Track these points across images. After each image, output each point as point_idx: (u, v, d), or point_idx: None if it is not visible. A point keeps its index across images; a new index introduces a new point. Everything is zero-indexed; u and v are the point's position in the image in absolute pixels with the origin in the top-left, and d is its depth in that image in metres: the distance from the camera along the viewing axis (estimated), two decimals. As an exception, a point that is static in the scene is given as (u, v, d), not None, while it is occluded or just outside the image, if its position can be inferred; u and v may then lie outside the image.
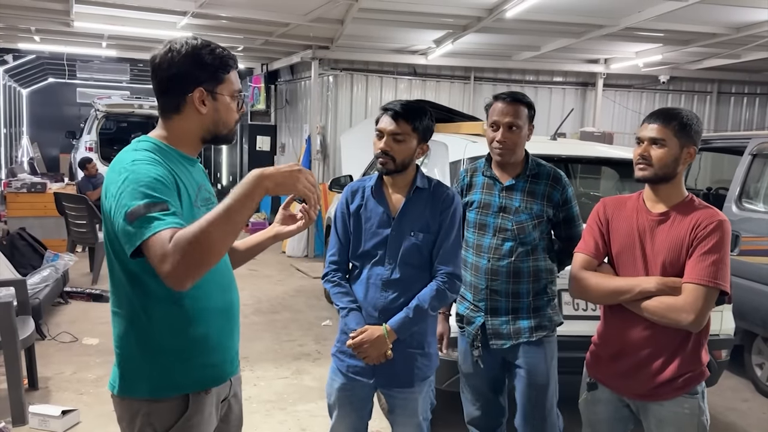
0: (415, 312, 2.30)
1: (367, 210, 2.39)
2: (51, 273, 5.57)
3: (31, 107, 21.34)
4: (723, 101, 10.93)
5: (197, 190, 1.75)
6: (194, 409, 1.72)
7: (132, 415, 1.71)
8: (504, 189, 2.66)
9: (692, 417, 2.19)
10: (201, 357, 1.74)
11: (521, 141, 2.63)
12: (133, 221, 1.50)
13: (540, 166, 2.69)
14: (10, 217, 8.25)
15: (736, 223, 4.87)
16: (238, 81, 1.82)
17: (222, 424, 1.87)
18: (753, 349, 4.82)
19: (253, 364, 4.81)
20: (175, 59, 1.68)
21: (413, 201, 2.37)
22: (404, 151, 2.32)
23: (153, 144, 1.70)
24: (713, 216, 2.14)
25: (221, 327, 1.79)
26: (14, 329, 3.71)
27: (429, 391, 2.47)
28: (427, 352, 2.43)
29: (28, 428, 3.63)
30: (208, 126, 1.75)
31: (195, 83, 1.70)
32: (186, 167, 1.74)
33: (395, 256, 2.34)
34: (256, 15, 7.34)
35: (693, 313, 2.07)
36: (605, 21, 6.94)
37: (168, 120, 1.74)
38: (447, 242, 2.36)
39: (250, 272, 7.91)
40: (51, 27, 8.77)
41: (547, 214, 2.64)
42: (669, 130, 2.16)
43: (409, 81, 10.02)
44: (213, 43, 1.75)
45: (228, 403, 1.88)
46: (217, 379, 1.79)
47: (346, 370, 2.41)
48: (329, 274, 2.45)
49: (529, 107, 2.65)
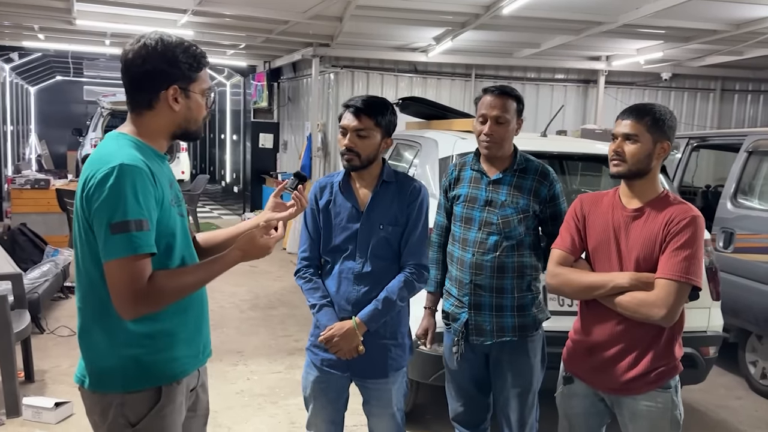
0: (383, 304, 2.33)
1: (336, 205, 2.42)
2: (51, 268, 5.65)
3: (39, 105, 21.52)
4: (726, 99, 10.87)
5: (170, 188, 1.79)
6: (166, 400, 1.75)
7: (104, 408, 1.73)
8: (491, 183, 2.65)
9: (665, 411, 2.21)
10: (171, 350, 1.77)
11: (509, 135, 2.62)
12: (114, 234, 1.59)
13: (528, 161, 2.69)
14: (14, 213, 8.34)
15: (731, 221, 4.86)
16: (209, 79, 1.85)
17: (190, 413, 1.91)
18: (747, 346, 4.81)
19: (247, 359, 4.86)
20: (150, 55, 1.70)
21: (380, 195, 2.40)
22: (369, 146, 2.35)
23: (132, 142, 1.73)
24: (686, 212, 2.16)
25: (190, 320, 1.83)
26: (8, 322, 3.77)
27: (403, 382, 2.50)
28: (401, 342, 2.47)
29: (22, 420, 3.68)
30: (179, 122, 1.78)
31: (169, 81, 1.72)
32: (159, 164, 1.77)
33: (365, 250, 2.37)
34: (255, 12, 7.38)
35: (664, 308, 2.08)
36: (603, 18, 6.94)
37: (139, 116, 1.77)
38: (414, 234, 2.39)
39: (249, 268, 7.95)
40: (54, 25, 8.85)
41: (534, 209, 2.63)
42: (642, 126, 2.17)
43: (410, 78, 10.03)
44: (187, 41, 1.77)
45: (196, 392, 1.92)
46: (186, 370, 1.83)
47: (320, 363, 2.44)
48: (301, 271, 2.48)
49: (518, 101, 2.64)
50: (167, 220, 1.71)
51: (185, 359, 1.81)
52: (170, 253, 1.74)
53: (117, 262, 1.59)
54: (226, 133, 16.79)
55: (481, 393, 2.79)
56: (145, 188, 1.63)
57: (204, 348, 1.90)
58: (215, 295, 6.50)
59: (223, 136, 17.21)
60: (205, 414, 2.00)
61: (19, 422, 3.67)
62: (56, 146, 19.03)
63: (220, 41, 9.89)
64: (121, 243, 1.59)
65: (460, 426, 2.87)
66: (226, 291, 6.78)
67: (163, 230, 1.70)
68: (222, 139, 17.53)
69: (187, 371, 1.83)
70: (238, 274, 7.65)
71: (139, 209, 1.61)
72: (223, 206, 14.20)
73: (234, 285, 7.04)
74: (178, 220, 1.78)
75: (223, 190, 16.95)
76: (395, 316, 2.42)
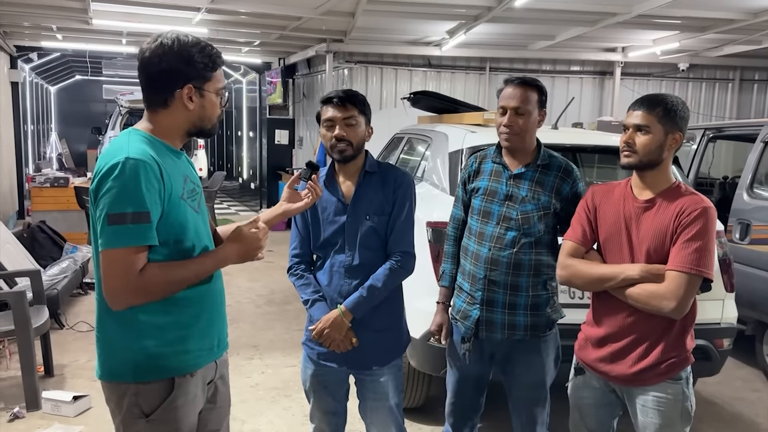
0: (368, 291, 2.35)
1: (322, 200, 2.42)
2: (70, 264, 5.74)
3: (59, 104, 21.82)
4: (745, 89, 10.72)
5: (183, 182, 1.81)
6: (179, 392, 1.78)
7: (119, 397, 1.77)
8: (512, 177, 2.56)
9: (676, 402, 2.20)
10: (184, 342, 1.80)
11: (529, 126, 2.53)
12: (111, 224, 1.63)
13: (552, 158, 2.60)
14: (35, 211, 8.47)
15: (747, 212, 4.80)
16: (224, 79, 1.89)
17: (209, 405, 1.94)
18: (764, 338, 4.76)
19: (262, 353, 4.91)
20: (166, 55, 1.74)
21: (364, 185, 2.41)
22: (358, 134, 2.38)
23: (143, 137, 1.76)
24: (698, 203, 2.13)
25: (204, 314, 1.85)
26: (27, 318, 3.84)
27: (399, 375, 2.51)
28: (395, 334, 2.49)
29: (41, 413, 3.76)
30: (194, 120, 1.82)
31: (184, 80, 1.76)
32: (173, 159, 1.80)
33: (354, 242, 2.38)
34: (268, 9, 7.42)
35: (675, 300, 2.07)
36: (618, 9, 6.87)
37: (154, 113, 1.81)
38: (399, 222, 2.40)
39: (266, 264, 7.99)
40: (71, 25, 8.97)
41: (555, 207, 2.54)
42: (653, 117, 2.16)
43: (424, 72, 10.02)
44: (203, 41, 1.81)
45: (214, 385, 1.95)
46: (200, 363, 1.85)
47: (316, 357, 2.47)
48: (292, 268, 2.49)
49: (540, 92, 2.55)
50: (176, 213, 1.74)
51: (198, 352, 1.84)
52: (180, 244, 1.77)
53: (110, 252, 1.64)
54: (242, 129, 16.90)
55: (478, 392, 2.74)
56: (149, 182, 1.66)
57: (219, 342, 1.93)
58: (232, 290, 6.57)
59: (240, 133, 17.33)
60: (225, 406, 2.03)
61: (39, 415, 3.75)
62: (76, 145, 19.29)
63: (234, 38, 9.95)
64: (117, 234, 1.63)
65: (452, 421, 2.82)
66: (242, 286, 6.85)
67: (172, 223, 1.73)
68: (239, 135, 17.64)
69: (201, 364, 1.85)
70: (254, 269, 7.73)
71: (140, 202, 1.64)
72: (241, 202, 14.31)
73: (250, 280, 7.11)
74: (190, 213, 1.80)
75: (240, 186, 17.07)
76: (388, 308, 2.43)
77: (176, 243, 1.76)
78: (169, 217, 1.72)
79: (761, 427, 3.96)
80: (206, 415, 1.93)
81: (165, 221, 1.71)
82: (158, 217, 1.69)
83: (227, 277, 7.38)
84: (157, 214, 1.69)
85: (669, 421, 2.20)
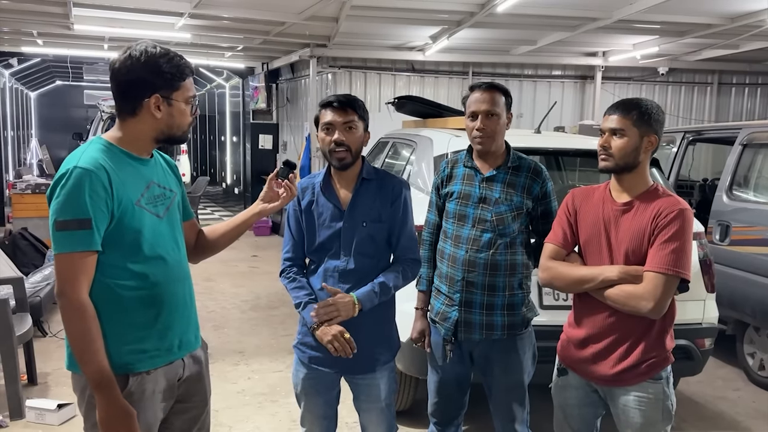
0: (380, 287, 2.36)
1: (318, 206, 2.44)
2: (52, 272, 5.68)
3: (39, 109, 21.60)
4: (724, 92, 10.87)
5: (145, 189, 1.88)
6: (133, 389, 1.84)
7: (82, 388, 1.85)
8: (484, 180, 2.64)
9: (657, 402, 2.24)
10: (141, 342, 1.85)
11: (500, 129, 2.62)
12: (57, 230, 1.73)
13: (521, 159, 2.69)
14: (16, 218, 8.38)
15: (727, 214, 4.89)
16: (193, 87, 1.95)
17: (182, 405, 1.99)
18: (745, 338, 4.84)
19: (248, 358, 4.90)
20: (134, 66, 1.82)
21: (361, 192, 2.43)
22: (357, 139, 2.39)
23: (102, 145, 1.84)
24: (674, 204, 2.18)
25: (162, 316, 1.89)
26: (10, 326, 3.81)
27: (392, 377, 2.52)
28: (387, 337, 2.50)
29: (25, 422, 3.73)
30: (162, 129, 1.89)
31: (151, 90, 1.84)
32: (133, 166, 1.87)
33: (349, 248, 2.40)
34: (251, 14, 7.42)
35: (652, 301, 2.11)
36: (598, 14, 6.96)
37: (123, 122, 1.89)
38: (404, 231, 2.43)
39: (250, 269, 8.01)
40: (52, 30, 8.90)
41: (527, 206, 2.64)
42: (628, 120, 2.20)
43: (408, 77, 10.06)
44: (171, 52, 1.87)
45: (185, 384, 1.98)
46: (156, 363, 1.89)
47: (308, 361, 2.47)
48: (285, 271, 2.50)
49: (506, 95, 2.65)
50: (129, 219, 1.81)
51: (155, 352, 1.88)
52: (137, 248, 1.84)
53: (59, 256, 1.74)
54: (226, 134, 16.83)
55: (460, 391, 2.78)
56: (93, 190, 1.73)
57: (181, 342, 1.96)
58: (216, 296, 6.55)
59: (223, 137, 17.25)
60: (201, 405, 2.06)
61: (23, 424, 3.71)
62: (57, 151, 19.02)
63: (217, 43, 9.93)
64: (63, 239, 1.73)
65: (435, 420, 2.86)
66: (227, 292, 6.83)
67: (126, 228, 1.81)
68: (222, 140, 17.56)
69: (157, 364, 1.89)
70: (239, 275, 7.71)
71: (83, 210, 1.72)
72: (224, 207, 14.24)
73: (235, 286, 7.08)
74: (148, 218, 1.86)
75: (223, 191, 16.99)
76: (381, 312, 2.44)
77: (132, 245, 1.83)
78: (121, 223, 1.79)
79: (742, 425, 4.03)
80: (180, 415, 1.99)
81: (117, 227, 1.79)
82: (106, 223, 1.77)
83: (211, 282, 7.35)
84: (104, 220, 1.76)
85: (650, 421, 2.24)
